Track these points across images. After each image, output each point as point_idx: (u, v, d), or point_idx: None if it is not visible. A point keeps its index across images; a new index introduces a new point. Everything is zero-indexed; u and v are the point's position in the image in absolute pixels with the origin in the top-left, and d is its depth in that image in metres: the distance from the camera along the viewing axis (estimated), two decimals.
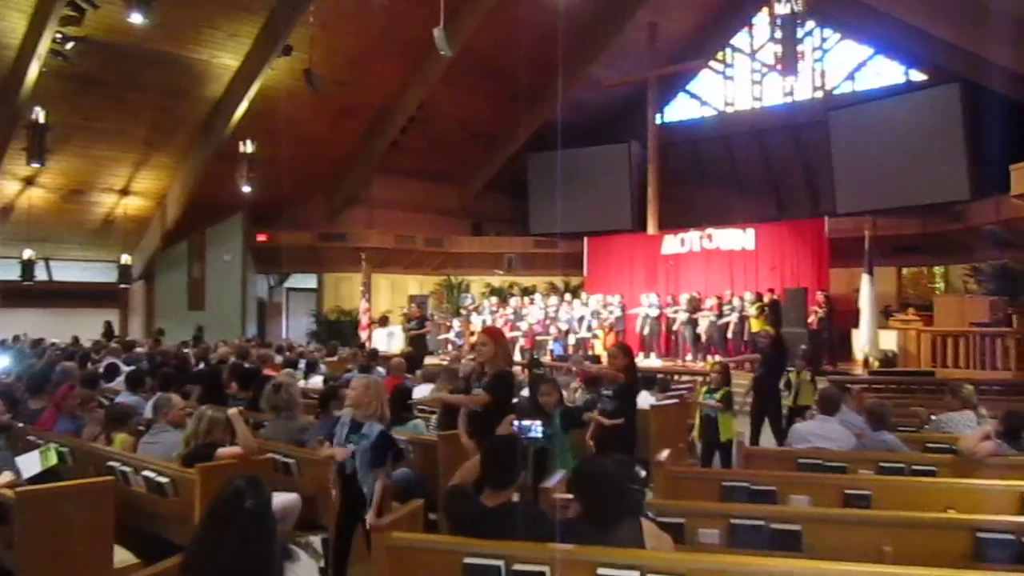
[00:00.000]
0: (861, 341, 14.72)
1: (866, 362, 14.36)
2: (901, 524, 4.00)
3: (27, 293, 17.64)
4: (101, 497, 4.51)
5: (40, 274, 18.11)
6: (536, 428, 4.50)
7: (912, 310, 15.24)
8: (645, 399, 8.43)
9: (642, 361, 16.12)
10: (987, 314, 13.66)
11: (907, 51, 18.36)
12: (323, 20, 15.22)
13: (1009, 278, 13.88)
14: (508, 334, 17.16)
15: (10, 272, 17.38)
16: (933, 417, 6.78)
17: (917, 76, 18.78)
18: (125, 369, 9.57)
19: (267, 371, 9.27)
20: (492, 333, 5.61)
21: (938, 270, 18.44)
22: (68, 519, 4.33)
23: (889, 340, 14.69)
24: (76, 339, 15.29)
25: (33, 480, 4.65)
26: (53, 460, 4.90)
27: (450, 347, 18.37)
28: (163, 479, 5.09)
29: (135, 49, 14.35)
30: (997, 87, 14.25)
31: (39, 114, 13.93)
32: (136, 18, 11.86)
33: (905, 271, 18.82)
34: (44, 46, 13.07)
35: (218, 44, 15.20)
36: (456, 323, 18.98)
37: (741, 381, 10.94)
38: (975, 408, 6.56)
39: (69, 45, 13.33)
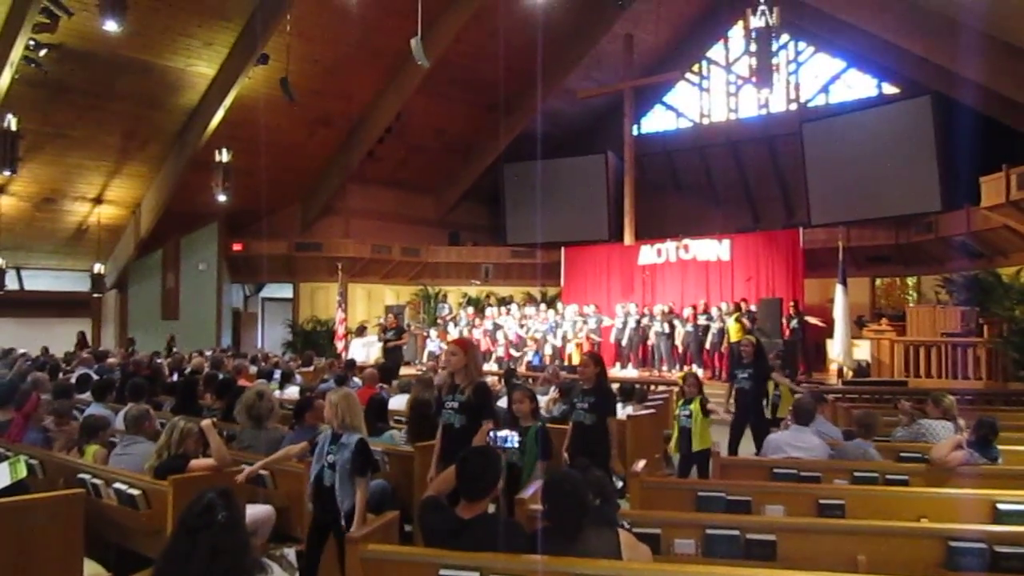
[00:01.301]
0: (835, 351, 14.85)
1: (840, 372, 14.48)
2: (874, 533, 4.03)
3: None
4: (71, 510, 4.45)
5: (11, 283, 17.86)
6: (512, 439, 4.49)
7: (885, 320, 15.41)
8: (620, 411, 8.44)
9: (619, 372, 16.22)
10: (958, 324, 13.82)
11: (879, 65, 18.61)
12: (300, 29, 15.18)
13: (980, 288, 14.08)
14: (485, 345, 17.24)
15: None
16: (919, 421, 6.90)
17: (889, 89, 19.05)
18: (95, 380, 9.45)
19: (242, 381, 9.23)
20: (462, 343, 5.59)
21: (910, 280, 18.65)
22: (37, 532, 4.26)
23: (863, 350, 14.83)
24: (46, 349, 15.08)
25: (1, 493, 4.58)
26: (22, 472, 4.83)
27: (427, 357, 18.30)
28: (135, 491, 5.03)
29: (109, 57, 14.22)
30: (967, 100, 14.46)
31: (11, 121, 13.74)
32: (110, 26, 11.74)
33: (878, 281, 19.02)
34: (17, 53, 12.90)
35: (194, 52, 15.10)
36: (433, 333, 18.93)
37: (718, 391, 10.99)
38: (954, 420, 6.67)
39: (42, 52, 13.18)
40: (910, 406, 7.57)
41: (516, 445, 4.61)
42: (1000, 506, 4.55)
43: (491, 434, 4.59)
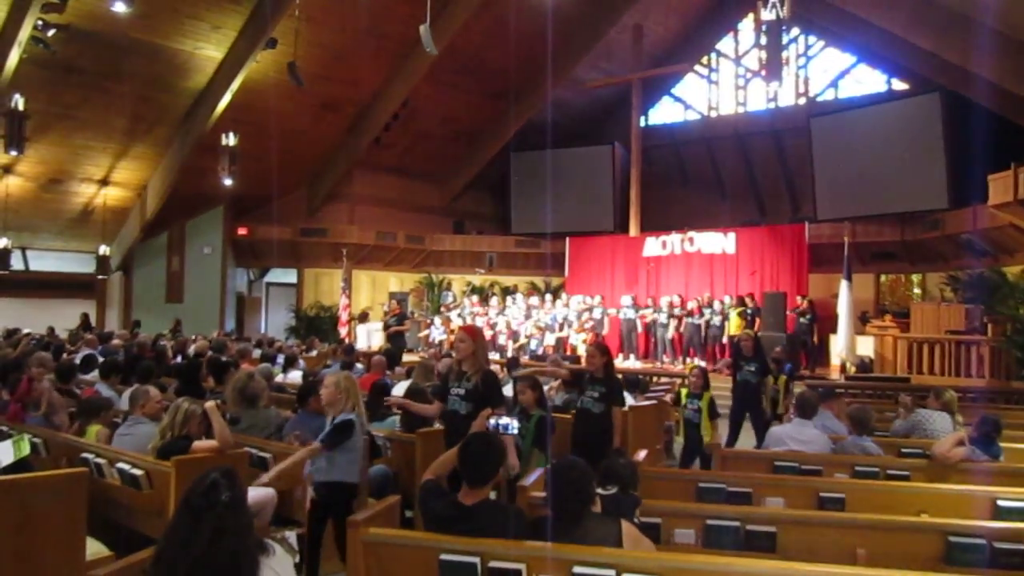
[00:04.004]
0: (838, 346, 14.83)
1: (843, 367, 14.46)
2: (874, 527, 4.03)
3: (3, 282, 17.45)
4: (74, 489, 4.45)
5: (16, 263, 17.92)
6: (512, 425, 4.49)
7: (889, 317, 15.36)
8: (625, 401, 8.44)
9: (621, 363, 16.21)
10: (963, 322, 13.79)
11: (889, 60, 18.51)
12: (309, 14, 15.14)
13: (985, 287, 14.04)
14: (488, 333, 17.23)
15: None
16: (917, 410, 6.96)
17: (899, 85, 18.95)
18: (102, 360, 9.47)
19: (245, 365, 9.24)
20: (471, 331, 5.58)
21: (915, 277, 18.58)
22: (40, 511, 4.27)
23: (866, 346, 14.81)
24: (51, 330, 15.13)
25: (4, 471, 4.60)
26: (26, 450, 4.85)
27: (430, 344, 18.31)
28: (138, 471, 5.06)
29: (117, 38, 14.19)
30: (977, 97, 14.38)
31: (18, 102, 13.75)
32: (119, 7, 11.78)
33: (883, 278, 18.96)
34: (25, 33, 12.92)
35: (202, 35, 15.07)
36: (437, 321, 18.94)
37: (723, 384, 10.98)
38: (953, 415, 6.69)
39: (50, 32, 13.18)
40: (911, 400, 7.61)
41: (516, 431, 4.61)
42: (1001, 503, 4.55)
43: (491, 420, 4.59)
